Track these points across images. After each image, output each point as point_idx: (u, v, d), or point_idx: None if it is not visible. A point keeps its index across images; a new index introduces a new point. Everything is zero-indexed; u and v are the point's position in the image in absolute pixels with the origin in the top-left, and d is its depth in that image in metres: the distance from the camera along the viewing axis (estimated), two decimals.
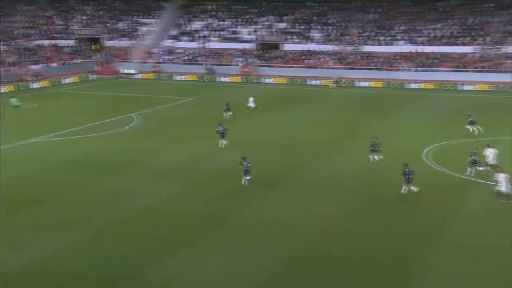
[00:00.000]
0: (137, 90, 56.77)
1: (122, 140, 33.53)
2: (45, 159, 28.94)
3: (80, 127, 37.05)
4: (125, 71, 68.77)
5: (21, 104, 44.90)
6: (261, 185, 24.85)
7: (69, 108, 45.12)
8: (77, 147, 31.69)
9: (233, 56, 70.27)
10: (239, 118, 40.75)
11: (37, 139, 33.33)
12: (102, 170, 27.13)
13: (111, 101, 49.03)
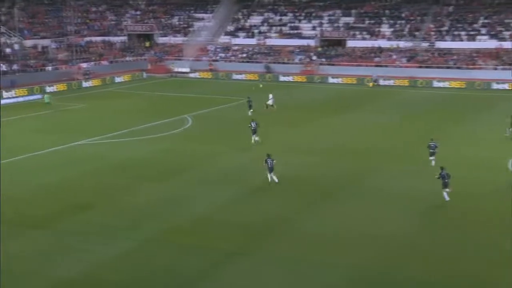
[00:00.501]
0: (191, 89, 57.71)
1: (174, 143, 34.11)
2: (94, 162, 29.78)
3: (130, 129, 38.01)
4: (178, 70, 70.15)
5: (52, 102, 46.45)
6: (322, 194, 24.64)
7: (119, 109, 46.42)
8: (127, 150, 32.47)
9: (294, 53, 70.26)
10: (300, 121, 40.68)
11: (86, 141, 34.44)
12: (153, 174, 27.64)
13: (163, 102, 50.07)
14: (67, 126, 39.36)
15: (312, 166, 28.99)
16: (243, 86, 60.68)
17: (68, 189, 25.36)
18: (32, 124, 39.77)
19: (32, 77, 57.57)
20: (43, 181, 26.26)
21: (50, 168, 28.59)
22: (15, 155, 30.58)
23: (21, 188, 25.24)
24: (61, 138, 34.71)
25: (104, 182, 26.40)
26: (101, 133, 36.32)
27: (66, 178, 26.87)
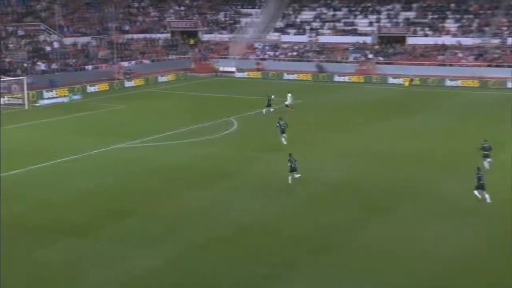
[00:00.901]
0: (237, 90, 58.05)
1: (219, 147, 34.32)
2: (134, 166, 30.27)
3: (173, 132, 38.49)
4: (224, 69, 70.70)
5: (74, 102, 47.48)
6: (379, 205, 24.29)
7: (161, 110, 47.08)
8: (169, 154, 32.86)
9: (348, 51, 69.71)
10: (355, 125, 40.31)
11: (125, 144, 35.04)
12: (197, 180, 27.88)
13: (207, 103, 50.48)
14: (107, 128, 40.19)
15: (367, 174, 28.63)
16: (295, 86, 60.52)
17: (107, 194, 25.84)
18: (71, 126, 40.78)
19: (72, 76, 59.14)
20: (81, 186, 26.85)
21: (89, 172, 29.22)
22: (53, 158, 31.38)
23: (59, 193, 25.87)
24: (101, 141, 35.45)
25: (144, 187, 26.78)
26: (142, 135, 36.92)
27: (105, 183, 27.40)
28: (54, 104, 50.22)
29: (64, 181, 27.68)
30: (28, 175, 28.63)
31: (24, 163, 30.28)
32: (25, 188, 26.59)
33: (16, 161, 30.81)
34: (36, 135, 37.68)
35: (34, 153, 32.85)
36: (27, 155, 32.29)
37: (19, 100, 49.06)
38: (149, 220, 22.69)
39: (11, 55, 56.75)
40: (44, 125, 41.04)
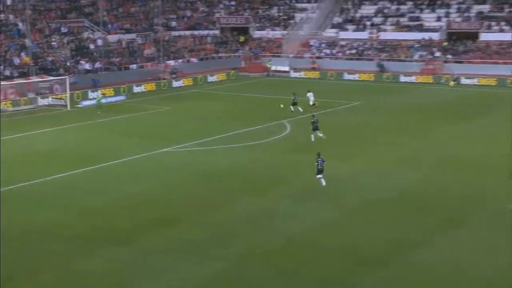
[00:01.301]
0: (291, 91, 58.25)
1: (270, 152, 34.55)
2: (179, 171, 30.80)
3: (221, 136, 38.93)
4: (276, 68, 70.96)
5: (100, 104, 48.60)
6: (443, 217, 24.05)
7: (209, 112, 47.70)
8: (217, 159, 33.32)
9: (412, 49, 68.90)
10: (423, 129, 39.92)
11: (171, 148, 35.65)
12: (245, 187, 28.21)
13: (259, 105, 50.80)
14: (152, 130, 41.00)
15: (435, 181, 28.41)
16: (355, 87, 60.33)
17: (151, 201, 26.40)
18: (115, 128, 41.79)
19: (116, 76, 60.56)
20: (125, 192, 27.53)
21: (133, 177, 29.92)
22: (96, 162, 32.27)
23: (102, 199, 26.59)
24: (146, 144, 36.22)
25: (191, 194, 27.25)
26: (188, 139, 37.50)
27: (150, 189, 28.00)
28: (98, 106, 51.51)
29: (107, 186, 28.42)
30: (70, 179, 29.52)
31: (66, 167, 31.25)
32: (67, 193, 27.41)
33: (58, 165, 31.83)
34: (79, 138, 38.79)
35: (76, 156, 33.83)
36: (69, 159, 33.31)
37: (61, 101, 50.53)
38: (195, 229, 23.06)
39: (54, 54, 58.49)
40: (87, 127, 42.18)
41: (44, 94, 51.86)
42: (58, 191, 27.75)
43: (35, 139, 38.53)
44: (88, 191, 27.63)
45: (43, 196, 27.06)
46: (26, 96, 50.77)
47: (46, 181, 29.07)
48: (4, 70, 52.52)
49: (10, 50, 55.33)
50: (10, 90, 50.37)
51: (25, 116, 46.57)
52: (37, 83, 51.88)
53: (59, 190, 27.91)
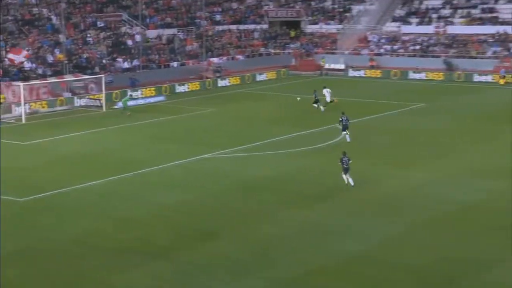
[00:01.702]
0: (347, 91, 57.88)
1: (322, 160, 34.33)
2: (221, 180, 30.85)
3: (268, 140, 38.86)
4: (330, 66, 70.63)
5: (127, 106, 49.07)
6: None
7: (256, 115, 47.79)
8: (263, 166, 33.28)
9: (486, 44, 67.51)
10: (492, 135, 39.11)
11: (213, 154, 35.73)
12: (293, 198, 28.01)
13: (310, 107, 50.67)
14: (193, 134, 41.22)
15: (505, 195, 27.67)
16: (421, 88, 59.42)
17: (191, 211, 26.52)
18: (154, 132, 42.20)
19: (155, 74, 61.17)
20: (163, 201, 27.71)
21: (172, 185, 30.12)
22: (133, 168, 32.60)
23: (139, 208, 26.82)
24: (186, 150, 36.43)
25: (234, 205, 27.25)
26: (232, 144, 37.59)
27: (190, 199, 28.11)
28: (136, 107, 52.11)
29: (144, 194, 28.67)
30: (105, 186, 29.89)
31: (101, 173, 31.67)
32: (103, 202, 27.77)
33: (93, 171, 32.28)
34: (114, 142, 39.31)
35: (112, 162, 34.28)
36: (105, 164, 33.76)
37: (97, 102, 51.32)
38: (238, 245, 23.03)
39: (89, 50, 59.47)
40: (123, 131, 42.72)
41: (78, 94, 52.76)
42: (93, 199, 28.12)
43: (68, 143, 39.18)
44: (125, 200, 27.94)
45: (78, 204, 27.44)
46: (60, 96, 51.72)
47: (81, 188, 29.49)
48: (36, 68, 53.62)
49: (43, 46, 56.43)
50: (42, 89, 51.40)
51: (58, 118, 47.46)
52: (71, 82, 52.82)
53: (94, 198, 28.28)
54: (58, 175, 31.72)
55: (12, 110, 47.22)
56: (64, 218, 25.67)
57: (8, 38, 55.05)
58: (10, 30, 56.80)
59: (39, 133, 41.85)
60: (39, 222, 25.13)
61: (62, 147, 38.17)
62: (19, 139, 39.81)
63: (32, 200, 27.90)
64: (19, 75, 51.51)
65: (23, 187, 29.56)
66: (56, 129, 42.82)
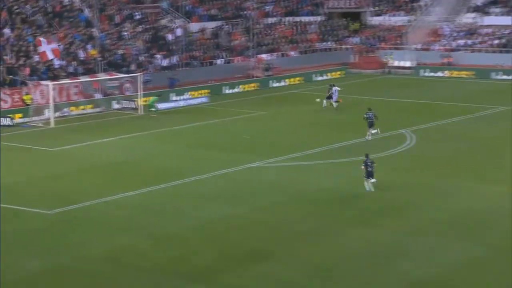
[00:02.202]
0: (416, 92, 57.42)
1: (385, 171, 33.99)
2: (270, 193, 30.79)
3: (325, 148, 38.73)
4: (397, 63, 70.04)
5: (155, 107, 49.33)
6: None
7: (313, 119, 47.79)
8: (317, 177, 33.14)
9: None
10: None
11: (260, 163, 35.66)
12: (353, 215, 27.87)
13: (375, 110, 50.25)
14: (240, 141, 41.28)
15: None
16: (504, 88, 58.33)
17: (236, 228, 26.47)
18: (196, 138, 42.44)
19: (197, 73, 61.68)
20: (206, 216, 27.74)
21: (214, 198, 30.15)
22: (172, 178, 32.76)
23: (178, 224, 26.93)
24: (230, 158, 36.53)
25: (284, 221, 27.14)
26: (284, 152, 37.54)
27: (235, 214, 28.10)
28: (175, 109, 52.53)
29: (184, 208, 28.79)
30: (141, 199, 30.07)
31: (136, 184, 31.90)
32: (139, 216, 27.92)
33: (127, 181, 32.57)
34: (151, 149, 39.55)
35: (148, 171, 34.49)
36: (140, 174, 34.01)
37: (132, 104, 51.84)
38: (290, 266, 22.88)
39: (125, 46, 60.15)
40: (161, 136, 43.03)
41: (112, 94, 53.36)
42: (128, 212, 28.34)
43: (100, 150, 39.64)
44: (162, 214, 28.09)
45: (111, 218, 27.68)
46: (92, 97, 52.39)
47: (114, 200, 29.73)
48: (67, 66, 54.42)
49: (75, 41, 57.29)
50: (73, 89, 52.15)
51: (89, 121, 48.07)
52: (105, 82, 53.41)
53: (129, 211, 28.49)
54: (90, 186, 32.09)
55: (41, 113, 47.91)
56: (95, 233, 25.91)
57: (36, 32, 56.06)
58: (39, 24, 57.82)
59: (68, 138, 42.44)
60: (69, 238, 25.40)
61: (93, 154, 38.64)
62: (47, 144, 40.45)
63: (61, 213, 28.21)
64: (48, 73, 52.34)
65: (51, 199, 29.95)
66: (87, 134, 43.42)
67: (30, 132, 44.55)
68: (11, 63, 51.72)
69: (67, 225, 26.83)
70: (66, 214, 28.08)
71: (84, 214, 28.16)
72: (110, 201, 29.65)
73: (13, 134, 43.61)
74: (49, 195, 30.54)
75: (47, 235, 25.78)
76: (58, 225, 26.87)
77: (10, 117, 46.40)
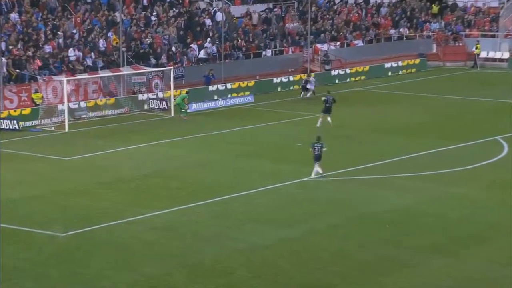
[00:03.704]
0: None
1: (475, 187, 33.92)
2: (330, 213, 30.89)
3: (399, 158, 38.70)
4: (487, 54, 69.32)
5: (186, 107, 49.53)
6: None
7: (384, 123, 47.71)
8: (390, 195, 33.04)
9: None
10: None
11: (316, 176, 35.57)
12: (434, 241, 27.71)
13: (459, 111, 49.89)
14: (290, 149, 41.06)
15: None
16: None
17: (290, 256, 26.45)
18: (237, 145, 42.58)
19: (242, 67, 61.98)
20: (250, 241, 27.76)
21: (262, 219, 30.20)
22: (207, 196, 32.89)
23: (215, 251, 26.97)
24: (280, 170, 36.59)
25: (350, 248, 27.10)
26: (347, 163, 37.57)
27: (287, 238, 28.11)
28: (214, 110, 52.62)
29: (226, 231, 28.79)
30: (173, 219, 30.16)
31: (166, 202, 32.05)
32: (169, 240, 27.94)
33: (155, 198, 32.77)
34: (185, 158, 39.78)
35: (181, 186, 34.70)
36: (172, 189, 34.25)
37: (163, 103, 51.95)
38: None
39: (154, 34, 60.33)
40: (197, 143, 43.28)
41: (138, 92, 53.51)
42: (157, 235, 28.39)
43: (123, 159, 39.94)
44: (199, 238, 28.13)
45: (137, 242, 27.71)
46: (114, 95, 52.61)
47: (140, 220, 29.90)
48: (84, 58, 54.62)
49: (94, 29, 57.57)
50: (92, 86, 52.44)
51: (110, 125, 48.29)
52: (130, 77, 53.57)
53: (158, 234, 28.55)
54: (110, 203, 32.28)
55: (53, 114, 48.06)
56: (118, 261, 25.99)
57: (48, 17, 56.57)
58: (51, 7, 58.29)
59: (86, 145, 42.73)
60: (85, 266, 25.44)
61: (115, 164, 38.94)
62: (60, 152, 40.70)
63: (76, 235, 28.39)
64: (62, 67, 52.48)
65: (64, 218, 30.12)
66: (108, 140, 43.70)
67: (40, 138, 44.97)
68: (18, 54, 52.08)
69: (83, 251, 26.96)
70: (82, 237, 28.28)
71: (103, 237, 28.36)
72: (135, 222, 29.84)
73: (20, 139, 44.06)
74: (62, 214, 30.75)
75: (59, 263, 25.83)
76: (71, 251, 26.94)
77: (17, 120, 46.79)
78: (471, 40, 71.11)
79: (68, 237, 28.15)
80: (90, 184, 35.17)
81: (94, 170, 37.65)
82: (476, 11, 75.62)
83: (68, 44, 54.63)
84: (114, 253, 26.80)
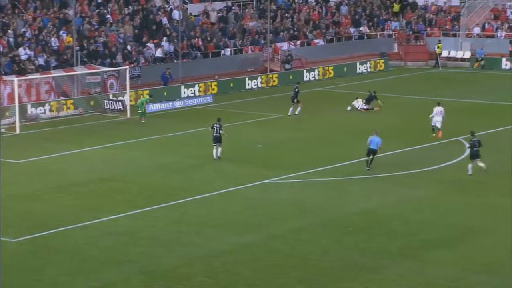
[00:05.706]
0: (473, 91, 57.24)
1: (434, 189, 34.19)
2: (292, 217, 30.83)
3: (360, 160, 38.56)
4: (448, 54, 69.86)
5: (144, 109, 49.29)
6: None
7: (345, 123, 48.10)
8: (353, 198, 33.17)
9: None
10: None
11: (277, 178, 35.70)
12: (393, 245, 27.78)
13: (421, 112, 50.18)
14: (250, 151, 41.29)
15: None
16: None
17: (249, 262, 26.40)
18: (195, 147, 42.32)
19: (199, 66, 61.95)
20: (208, 246, 27.65)
21: (221, 223, 30.16)
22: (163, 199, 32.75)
23: (172, 256, 26.84)
24: (240, 173, 36.70)
25: (314, 253, 27.07)
26: (309, 165, 37.65)
27: (247, 243, 28.07)
28: (172, 111, 52.47)
29: (184, 236, 28.64)
30: (128, 224, 30.01)
31: (121, 206, 31.88)
32: (125, 245, 27.76)
33: (110, 202, 32.57)
34: (141, 161, 39.65)
35: (137, 189, 34.52)
36: (127, 193, 34.02)
37: (119, 104, 51.65)
38: None
39: (108, 32, 60.00)
40: (154, 145, 43.17)
41: (92, 93, 53.23)
42: (112, 240, 28.28)
43: (77, 162, 39.65)
44: (155, 242, 28.00)
45: (91, 247, 27.57)
46: (67, 96, 52.28)
47: (94, 225, 29.74)
48: (36, 57, 54.24)
49: (46, 27, 57.17)
50: (44, 87, 52.01)
51: (64, 126, 48.05)
52: (83, 77, 53.25)
53: (113, 239, 28.43)
54: (65, 207, 32.04)
55: (3, 115, 47.57)
56: (74, 267, 25.77)
57: None
58: (1, 4, 57.76)
59: (38, 147, 42.38)
60: (38, 274, 25.17)
61: (69, 167, 38.62)
62: (12, 155, 40.23)
63: (28, 241, 28.17)
64: (12, 67, 52.09)
65: (16, 223, 29.85)
66: (61, 142, 43.45)
67: None
68: None
69: (36, 258, 26.74)
70: (34, 243, 28.05)
71: (58, 242, 28.15)
72: (91, 227, 29.62)
73: None
74: (14, 219, 30.37)
75: (11, 270, 25.47)
76: (24, 257, 26.71)
77: None
78: (433, 40, 71.68)
79: (21, 243, 27.88)
80: (43, 188, 34.92)
81: (47, 174, 37.44)
82: (437, 9, 76.18)
83: (19, 42, 54.12)
84: (70, 259, 26.59)
